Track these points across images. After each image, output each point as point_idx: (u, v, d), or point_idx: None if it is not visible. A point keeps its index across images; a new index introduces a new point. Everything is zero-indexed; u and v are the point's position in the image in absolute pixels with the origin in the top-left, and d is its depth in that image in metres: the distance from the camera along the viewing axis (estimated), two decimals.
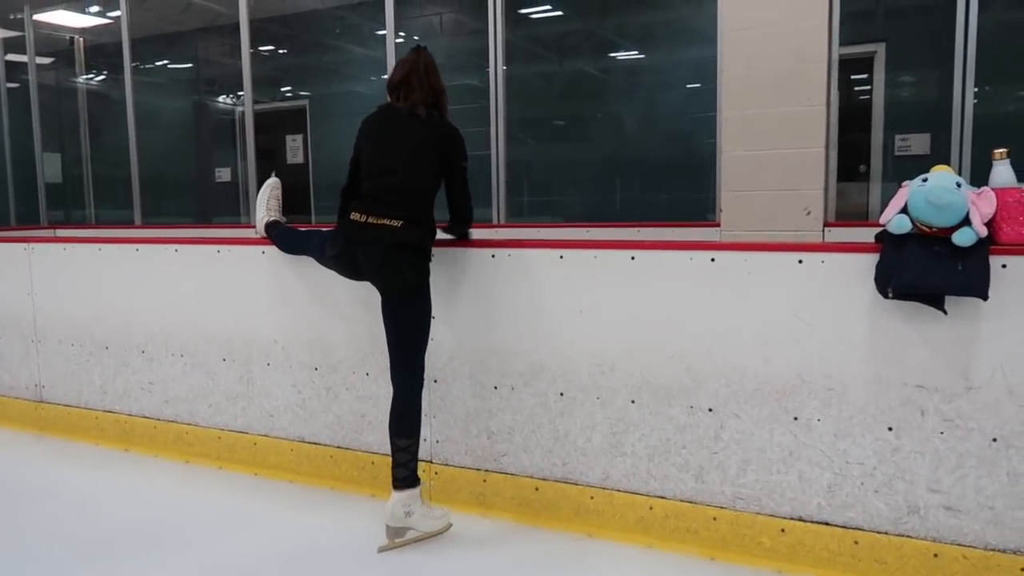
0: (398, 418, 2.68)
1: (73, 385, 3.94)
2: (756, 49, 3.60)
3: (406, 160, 2.64)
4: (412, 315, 2.67)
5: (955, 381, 2.23)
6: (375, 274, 2.64)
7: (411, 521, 2.65)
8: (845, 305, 2.34)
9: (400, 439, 2.66)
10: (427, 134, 2.66)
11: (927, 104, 5.29)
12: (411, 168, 2.63)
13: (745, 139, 3.71)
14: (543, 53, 6.81)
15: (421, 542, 2.69)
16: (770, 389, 2.45)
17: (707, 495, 2.58)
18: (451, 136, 2.70)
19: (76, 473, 3.48)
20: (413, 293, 2.65)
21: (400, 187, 2.62)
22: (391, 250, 2.57)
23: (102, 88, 8.55)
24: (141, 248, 3.65)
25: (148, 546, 2.73)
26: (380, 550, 2.64)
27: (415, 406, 2.69)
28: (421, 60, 2.73)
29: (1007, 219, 2.15)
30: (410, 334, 2.68)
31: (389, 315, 2.67)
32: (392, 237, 2.57)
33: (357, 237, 2.63)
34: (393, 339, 2.68)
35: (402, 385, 2.69)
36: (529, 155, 6.61)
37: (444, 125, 2.72)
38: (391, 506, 2.64)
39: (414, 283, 2.64)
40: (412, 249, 2.60)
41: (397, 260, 2.58)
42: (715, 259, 2.50)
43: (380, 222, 2.58)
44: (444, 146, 2.67)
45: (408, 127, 2.67)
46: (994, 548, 2.24)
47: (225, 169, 7.90)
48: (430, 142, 2.65)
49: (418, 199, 2.63)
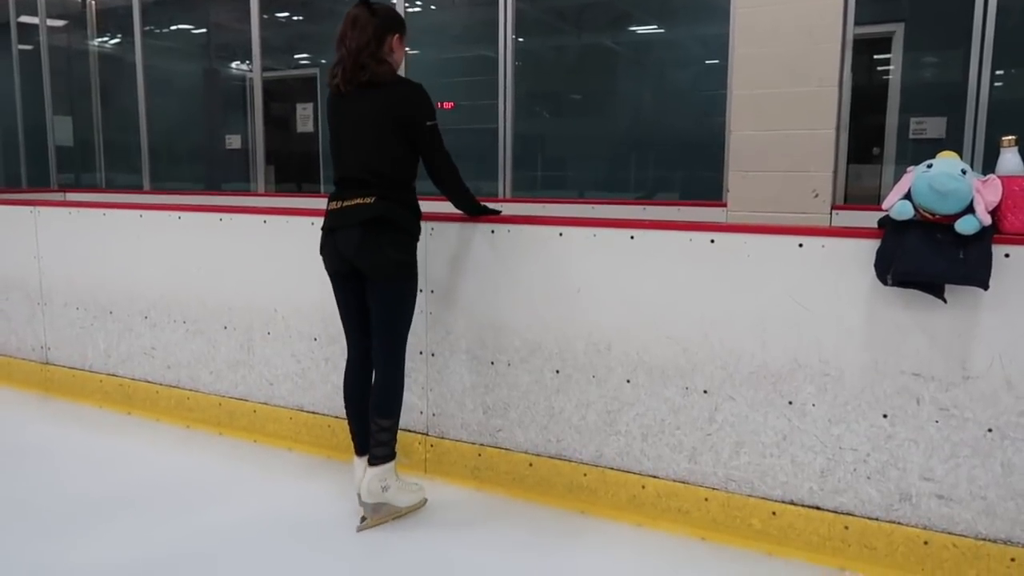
0: (379, 399, 2.60)
1: (78, 348, 3.98)
2: (768, 28, 3.54)
3: (366, 137, 2.51)
4: (398, 297, 2.57)
5: (952, 370, 2.21)
6: (356, 256, 2.50)
7: (388, 496, 2.60)
8: (844, 291, 2.32)
9: (381, 419, 2.58)
10: (381, 104, 2.49)
11: (944, 87, 5.18)
12: (374, 144, 2.50)
13: (754, 119, 3.67)
14: (560, 24, 6.71)
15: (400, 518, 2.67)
16: (766, 373, 2.44)
17: (700, 476, 2.58)
18: (407, 97, 2.51)
19: (80, 434, 3.53)
20: (398, 273, 2.54)
21: (368, 165, 2.50)
22: (367, 227, 2.46)
23: (114, 52, 8.52)
24: (145, 214, 3.66)
25: (148, 508, 2.78)
26: (360, 529, 2.60)
27: (397, 387, 2.62)
28: (355, 19, 2.50)
29: (1012, 208, 2.11)
30: (395, 316, 2.59)
31: (374, 297, 2.56)
32: (367, 213, 2.46)
33: (334, 224, 2.54)
34: (377, 320, 2.58)
35: (384, 367, 2.60)
36: (543, 129, 6.55)
37: (399, 87, 2.51)
38: (367, 482, 2.57)
39: (397, 260, 2.52)
40: (389, 224, 2.48)
41: (376, 237, 2.47)
42: (715, 241, 2.48)
43: (353, 203, 2.49)
44: (401, 110, 2.49)
45: (360, 100, 2.51)
46: (984, 538, 2.23)
47: (235, 136, 7.87)
48: (386, 111, 2.48)
49: (392, 175, 2.51)
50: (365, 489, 2.58)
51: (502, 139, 5.86)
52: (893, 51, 5.32)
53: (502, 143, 5.86)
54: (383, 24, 2.52)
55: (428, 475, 3.04)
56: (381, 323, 2.58)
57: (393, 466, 2.64)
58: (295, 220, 3.21)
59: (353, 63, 2.49)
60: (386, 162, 2.51)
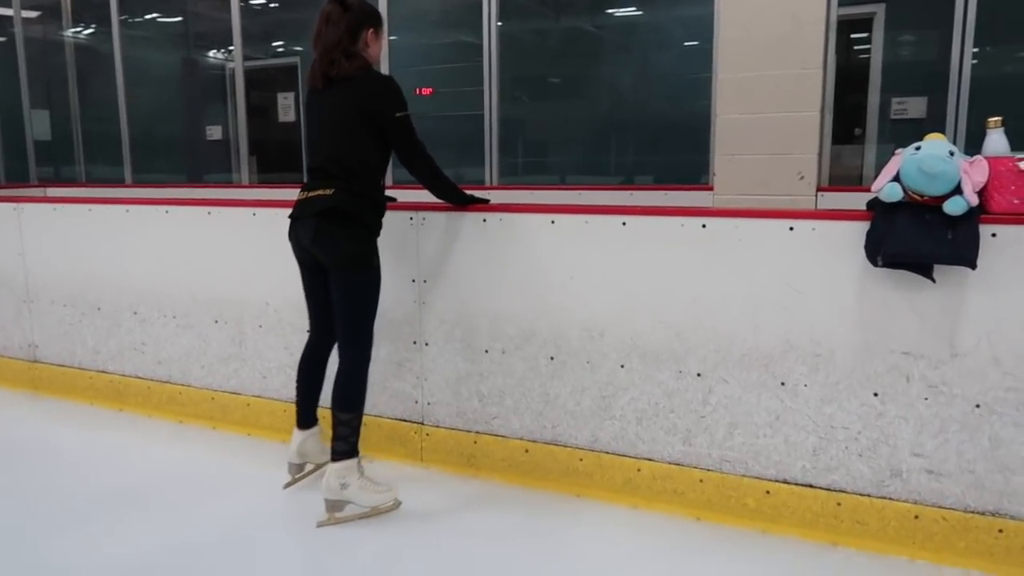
0: (341, 390, 2.59)
1: (66, 345, 3.95)
2: (753, 11, 3.55)
3: (333, 130, 2.55)
4: (355, 288, 2.58)
5: (941, 348, 2.25)
6: (312, 246, 2.55)
7: (347, 494, 2.57)
8: (835, 272, 2.35)
9: (342, 412, 2.58)
10: (350, 97, 2.53)
11: (925, 66, 5.23)
12: (341, 137, 2.54)
13: (740, 102, 3.68)
14: (539, 9, 6.68)
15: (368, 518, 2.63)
16: (758, 354, 2.48)
17: (694, 458, 2.62)
18: (376, 90, 2.55)
19: (71, 432, 3.51)
20: (355, 265, 2.55)
21: (333, 157, 2.54)
22: (322, 218, 2.50)
23: (90, 42, 8.38)
24: (131, 209, 3.63)
25: (142, 504, 2.77)
26: (319, 525, 2.58)
27: (359, 380, 2.62)
28: (328, 16, 2.56)
29: (999, 188, 2.15)
30: (353, 307, 2.59)
31: (334, 287, 2.58)
32: (323, 204, 2.50)
33: (296, 214, 2.61)
34: (336, 310, 2.60)
35: (345, 358, 2.61)
36: (523, 114, 6.54)
37: (368, 81, 2.56)
38: (327, 478, 2.58)
39: (351, 252, 2.53)
40: (345, 216, 2.50)
41: (330, 229, 2.51)
42: (706, 225, 2.50)
43: (315, 193, 2.54)
44: (369, 104, 2.52)
45: (330, 95, 2.56)
46: (973, 510, 2.28)
47: (216, 127, 7.79)
48: (354, 104, 2.52)
49: (356, 167, 2.54)
50: (325, 485, 2.59)
51: (488, 125, 5.84)
52: (874, 31, 5.35)
53: (488, 129, 5.84)
54: (355, 19, 2.57)
55: (424, 464, 3.06)
56: (339, 313, 2.60)
57: (354, 464, 2.61)
58: (284, 212, 3.16)
59: (326, 60, 2.55)
60: (351, 155, 2.55)
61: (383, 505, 2.65)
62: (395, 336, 3.05)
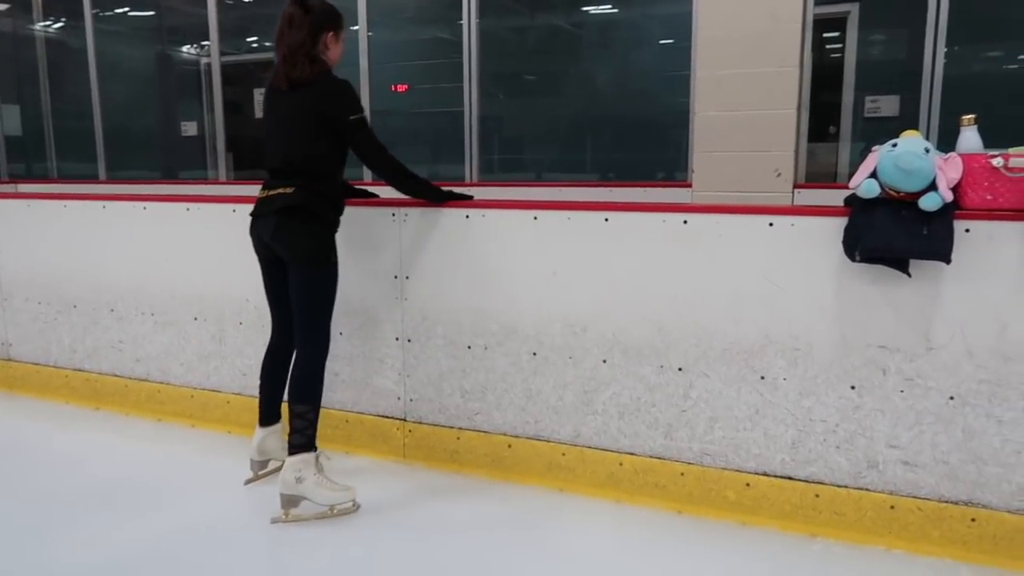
0: (297, 383, 2.63)
1: (41, 343, 3.89)
2: (732, 10, 3.59)
3: (294, 132, 2.63)
4: (313, 283, 2.64)
5: (916, 342, 2.30)
6: (272, 241, 2.62)
7: (302, 488, 2.57)
8: (813, 267, 2.39)
9: (298, 405, 2.61)
10: (308, 102, 2.60)
11: (898, 65, 5.31)
12: (301, 140, 2.61)
13: (718, 100, 3.72)
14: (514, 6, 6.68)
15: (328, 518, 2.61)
16: (738, 349, 2.51)
17: (675, 451, 2.65)
18: (331, 94, 2.61)
19: (47, 431, 3.47)
20: (313, 260, 2.62)
21: (291, 158, 2.62)
22: (282, 215, 2.58)
23: (62, 36, 8.24)
24: (108, 205, 3.59)
25: (120, 504, 2.75)
26: (273, 521, 2.59)
27: (316, 374, 2.66)
28: (291, 18, 2.63)
29: (972, 184, 2.20)
30: (310, 302, 2.64)
31: (293, 282, 2.64)
32: (283, 201, 2.58)
33: (257, 212, 2.67)
34: (294, 305, 2.66)
35: (303, 351, 2.66)
36: (501, 111, 6.54)
37: (323, 84, 2.62)
38: (283, 472, 2.60)
39: (309, 247, 2.61)
40: (304, 212, 2.57)
41: (289, 225, 2.58)
42: (687, 221, 2.53)
43: (276, 192, 2.61)
44: (324, 107, 2.59)
45: (291, 97, 2.63)
46: (947, 500, 2.34)
47: (191, 123, 7.70)
48: (311, 107, 2.59)
49: (314, 167, 2.61)
50: (281, 478, 2.60)
51: (468, 122, 5.84)
52: (848, 30, 5.42)
53: (468, 126, 5.84)
54: (316, 22, 2.63)
55: (407, 460, 3.07)
56: (297, 308, 2.66)
57: (311, 458, 2.61)
58: None
59: (289, 62, 2.62)
60: (308, 156, 2.62)
61: (341, 505, 2.62)
62: (377, 333, 3.05)
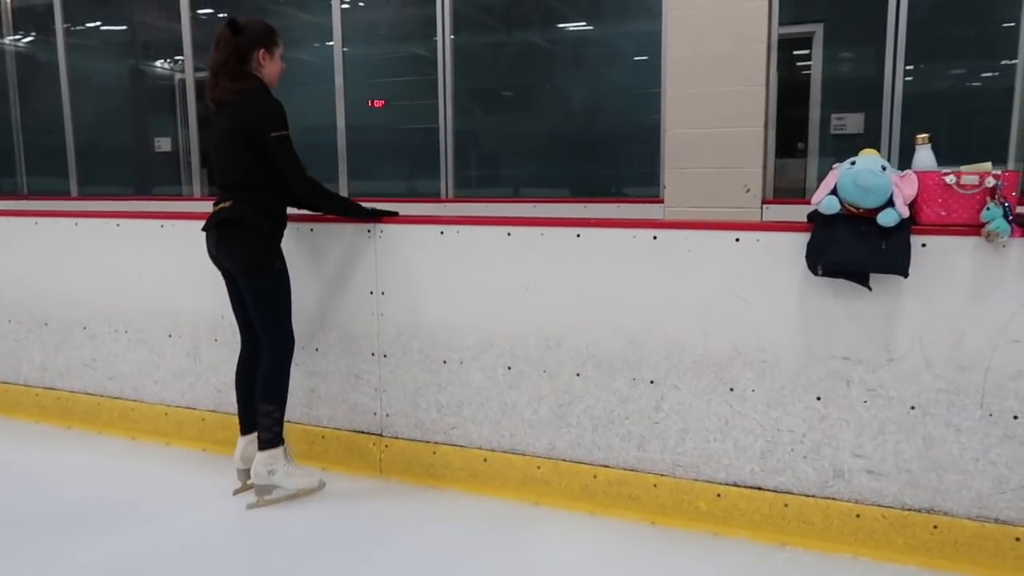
0: (263, 384, 2.80)
1: (11, 362, 3.85)
2: (699, 30, 3.69)
3: (223, 151, 2.74)
4: (261, 292, 2.75)
5: (878, 353, 2.37)
6: (217, 254, 2.76)
7: (275, 479, 2.81)
8: (778, 281, 2.46)
9: (264, 405, 2.78)
10: (231, 120, 2.69)
11: (862, 83, 5.45)
12: (230, 156, 2.71)
13: (688, 117, 3.81)
14: (490, 22, 6.76)
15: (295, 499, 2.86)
16: (708, 361, 2.57)
17: (648, 463, 2.69)
18: (255, 111, 2.67)
19: (17, 451, 3.43)
20: (254, 270, 2.72)
21: (227, 174, 2.73)
22: (221, 228, 2.71)
23: (32, 51, 8.17)
24: (80, 222, 3.57)
25: (93, 524, 2.73)
26: (248, 507, 2.81)
27: (280, 377, 2.81)
28: (218, 40, 2.72)
29: (927, 201, 2.28)
30: (266, 310, 2.77)
31: (244, 293, 2.77)
32: (221, 216, 2.71)
33: (204, 227, 2.79)
34: (253, 314, 2.79)
35: (268, 355, 2.80)
36: (477, 126, 6.59)
37: (249, 102, 2.68)
38: (255, 465, 2.79)
39: (248, 259, 2.71)
40: (241, 226, 2.68)
41: (229, 238, 2.71)
42: (657, 237, 2.59)
43: (218, 207, 2.75)
44: (247, 124, 2.66)
45: (219, 117, 2.75)
46: (910, 508, 2.40)
47: (165, 139, 7.66)
48: (238, 127, 2.67)
49: (248, 183, 2.69)
50: (254, 471, 2.80)
51: (443, 138, 5.88)
52: (814, 49, 5.56)
53: (443, 142, 5.88)
54: (245, 42, 2.72)
55: (383, 475, 3.08)
56: (254, 316, 2.80)
57: (280, 452, 2.82)
58: None
59: (211, 82, 2.75)
60: (241, 172, 2.70)
61: (308, 487, 2.88)
62: (353, 348, 3.07)
